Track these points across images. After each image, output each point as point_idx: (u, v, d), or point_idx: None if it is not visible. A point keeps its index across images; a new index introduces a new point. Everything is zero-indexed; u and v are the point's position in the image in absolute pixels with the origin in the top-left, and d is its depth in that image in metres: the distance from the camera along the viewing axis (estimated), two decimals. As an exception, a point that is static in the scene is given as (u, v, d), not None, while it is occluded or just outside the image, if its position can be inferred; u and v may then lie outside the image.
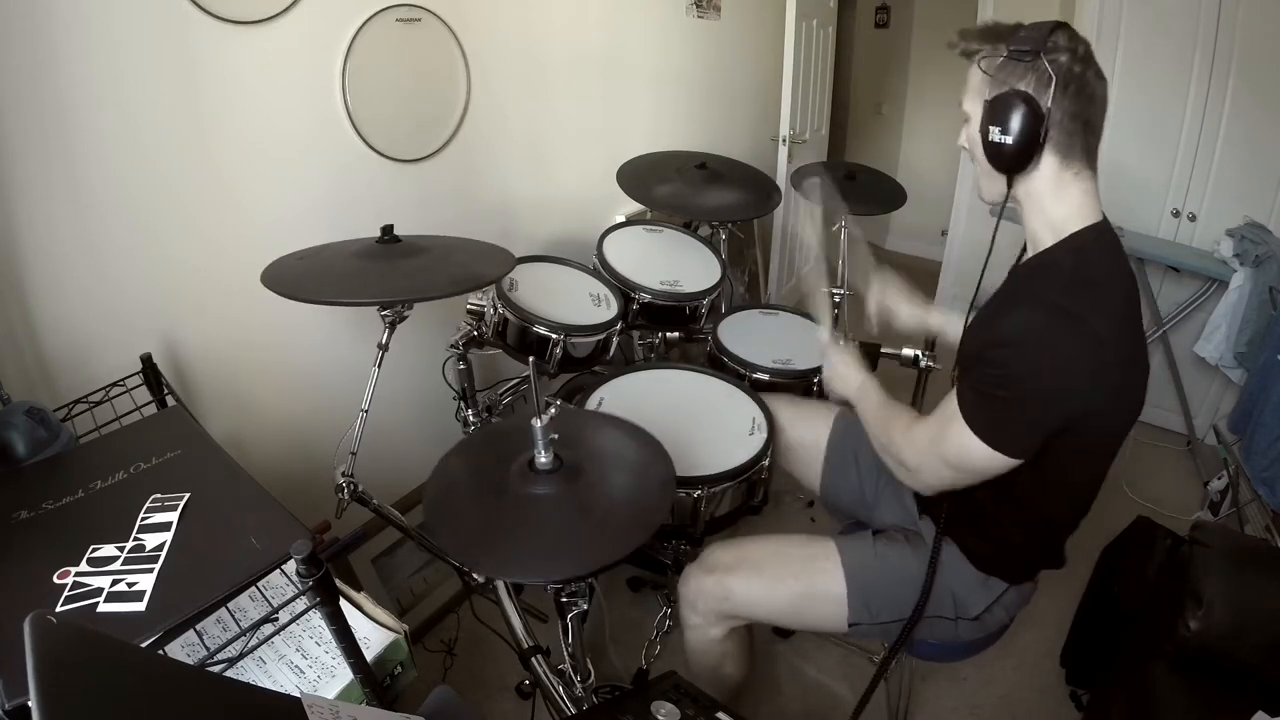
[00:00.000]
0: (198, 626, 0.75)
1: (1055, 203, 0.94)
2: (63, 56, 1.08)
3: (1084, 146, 0.92)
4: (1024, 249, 1.11)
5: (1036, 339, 0.87)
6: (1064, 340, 0.87)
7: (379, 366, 1.21)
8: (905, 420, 1.08)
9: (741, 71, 3.02)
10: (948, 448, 0.96)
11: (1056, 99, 0.87)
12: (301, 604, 0.68)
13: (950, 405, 0.96)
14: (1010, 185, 0.95)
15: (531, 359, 1.28)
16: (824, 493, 1.40)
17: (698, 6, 2.61)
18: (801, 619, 1.19)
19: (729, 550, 1.20)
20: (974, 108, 0.95)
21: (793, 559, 1.16)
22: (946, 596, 1.10)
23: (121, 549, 0.74)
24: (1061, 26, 0.89)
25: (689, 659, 1.27)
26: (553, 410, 0.95)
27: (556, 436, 0.96)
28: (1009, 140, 0.89)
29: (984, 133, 0.92)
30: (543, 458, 0.95)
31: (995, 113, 0.90)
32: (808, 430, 1.40)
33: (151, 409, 1.14)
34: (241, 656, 0.69)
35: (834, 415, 1.40)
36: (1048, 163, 0.91)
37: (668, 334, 1.86)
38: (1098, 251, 0.94)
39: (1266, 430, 1.81)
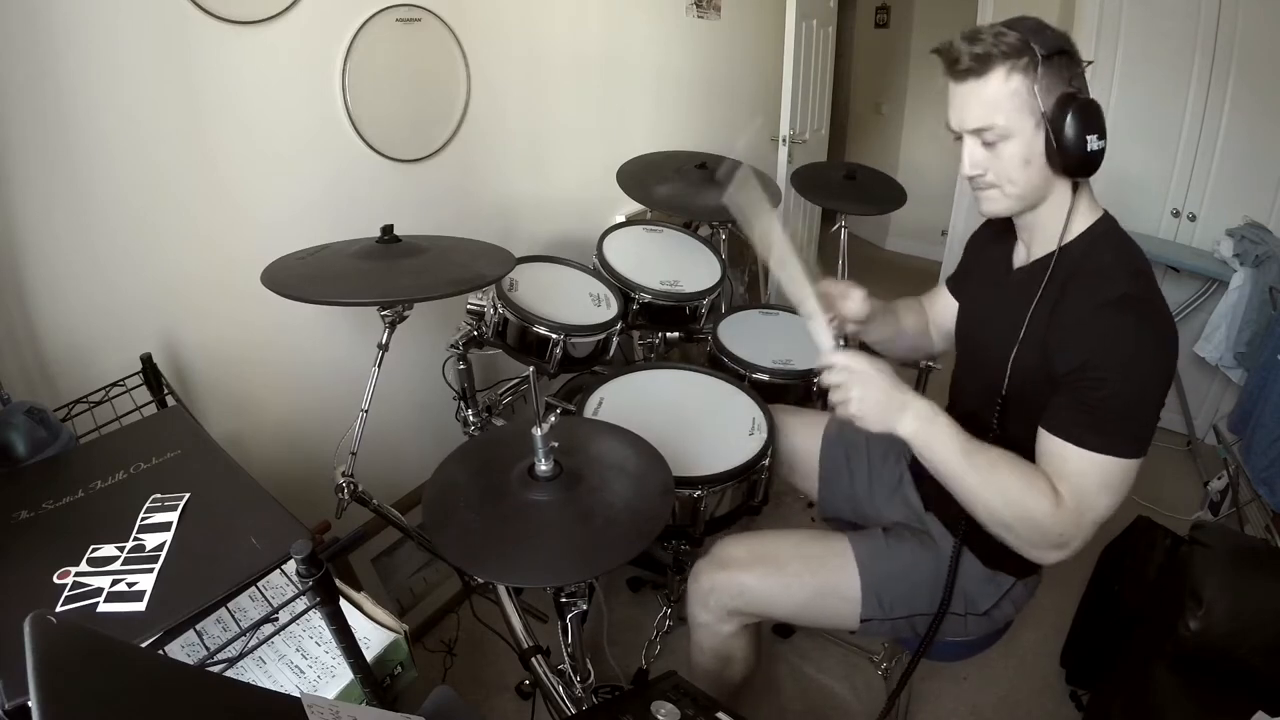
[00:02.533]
0: (198, 626, 0.75)
1: (1078, 200, 0.95)
2: (63, 57, 1.08)
3: None
4: (1001, 242, 1.11)
5: (1134, 337, 0.86)
6: (1154, 328, 0.87)
7: (379, 366, 1.21)
8: (1042, 484, 0.90)
9: (741, 71, 3.02)
10: (1098, 495, 0.88)
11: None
12: (301, 604, 0.68)
13: (1070, 453, 0.88)
14: (1076, 190, 0.93)
15: (531, 364, 1.27)
16: (821, 503, 1.39)
17: (698, 6, 2.61)
18: (814, 616, 1.16)
19: (742, 545, 1.18)
20: (1018, 123, 0.88)
21: (809, 556, 1.14)
22: (958, 593, 1.10)
23: (121, 549, 0.74)
24: (1035, 19, 0.89)
25: (694, 657, 1.26)
26: (553, 418, 0.96)
27: (557, 444, 0.96)
28: (1103, 145, 0.86)
29: (1068, 142, 0.86)
30: (543, 465, 0.95)
31: (1077, 120, 0.85)
32: (801, 439, 1.39)
33: (151, 409, 1.14)
34: (241, 656, 0.69)
35: (824, 423, 1.39)
36: None
37: (668, 334, 1.86)
38: (1120, 240, 0.94)
39: (1266, 430, 1.81)
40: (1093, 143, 0.86)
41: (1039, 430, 0.92)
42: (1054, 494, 0.89)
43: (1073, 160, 0.87)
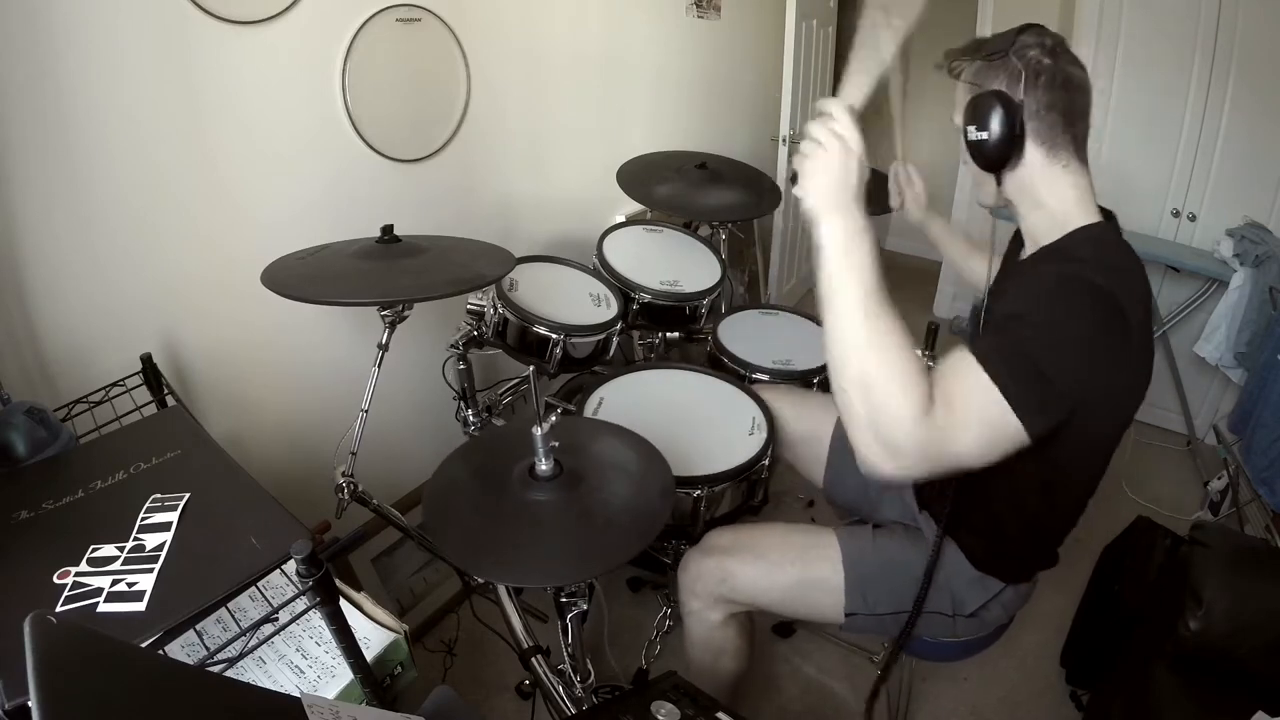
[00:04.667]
0: (198, 626, 0.75)
1: (1049, 196, 0.95)
2: (63, 57, 1.08)
3: (1070, 138, 0.92)
4: (1019, 245, 1.12)
5: (1073, 303, 0.83)
6: (1094, 313, 0.83)
7: (379, 366, 1.21)
8: (921, 388, 0.80)
9: (741, 71, 3.02)
10: (971, 426, 0.80)
11: (1028, 91, 0.89)
12: (301, 604, 0.68)
13: (969, 368, 0.80)
14: (999, 182, 0.97)
15: (531, 364, 1.27)
16: (827, 488, 1.41)
17: (698, 6, 2.61)
18: (798, 607, 1.18)
19: (729, 534, 1.21)
20: (960, 118, 0.97)
21: (792, 545, 1.17)
22: (944, 592, 1.10)
23: (121, 549, 0.74)
24: (1031, 26, 0.92)
25: (688, 649, 1.27)
26: (553, 418, 0.96)
27: (557, 444, 0.96)
28: (986, 136, 0.91)
29: (964, 135, 0.94)
30: (543, 465, 0.95)
31: (972, 113, 0.92)
32: (810, 425, 1.40)
33: (151, 409, 1.14)
34: (241, 656, 0.69)
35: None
36: (1033, 155, 0.92)
37: (668, 334, 1.86)
38: (1114, 244, 0.95)
39: (1266, 430, 1.81)
40: (972, 133, 0.92)
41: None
42: (926, 404, 0.80)
43: (971, 150, 0.94)
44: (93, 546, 0.75)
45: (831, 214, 0.83)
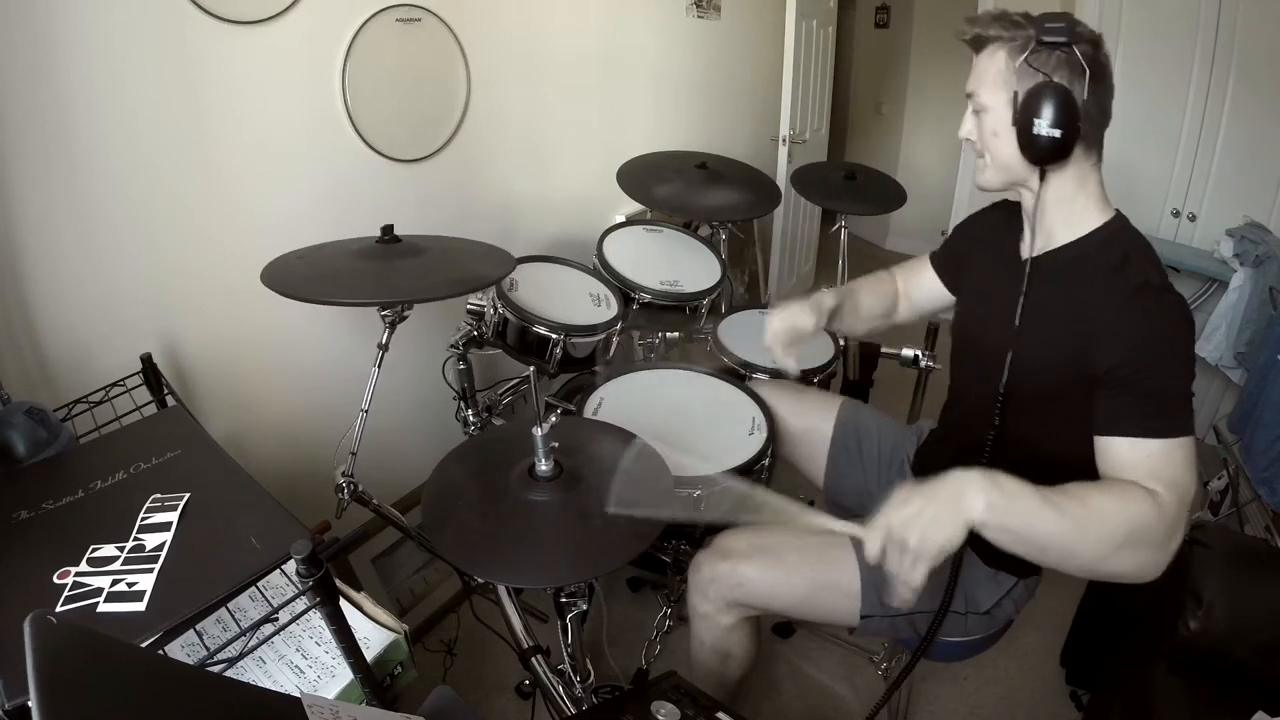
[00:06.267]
0: (198, 626, 0.75)
1: (1078, 194, 0.95)
2: (63, 57, 1.08)
3: (1100, 136, 0.93)
4: (1006, 229, 1.11)
5: (1168, 320, 0.89)
6: (1179, 309, 0.90)
7: (379, 366, 1.21)
8: (1134, 492, 0.84)
9: (741, 71, 3.03)
10: (1186, 476, 0.85)
11: (1091, 89, 0.87)
12: (301, 604, 0.68)
13: (1152, 447, 0.85)
14: (1044, 178, 0.93)
15: (531, 364, 1.27)
16: (827, 484, 1.40)
17: (698, 6, 2.61)
18: (814, 610, 1.16)
19: (743, 537, 1.18)
20: (993, 97, 0.92)
21: (808, 548, 1.14)
22: (958, 592, 1.09)
23: (121, 549, 0.74)
24: (1066, 14, 0.89)
25: (693, 652, 1.26)
26: (553, 418, 0.95)
27: (556, 444, 0.96)
28: (1057, 134, 0.87)
29: (1021, 125, 0.89)
30: (543, 465, 0.95)
31: (1035, 104, 0.87)
32: (811, 420, 1.40)
33: (151, 409, 1.14)
34: (241, 656, 0.69)
35: (838, 405, 1.40)
36: (1075, 154, 0.91)
37: (668, 334, 1.86)
38: (1136, 235, 0.96)
39: (1266, 430, 1.81)
40: (1041, 127, 0.87)
41: (1103, 440, 0.90)
42: (1150, 495, 0.84)
43: (1026, 142, 0.90)
44: (93, 546, 0.75)
45: (968, 510, 0.83)
